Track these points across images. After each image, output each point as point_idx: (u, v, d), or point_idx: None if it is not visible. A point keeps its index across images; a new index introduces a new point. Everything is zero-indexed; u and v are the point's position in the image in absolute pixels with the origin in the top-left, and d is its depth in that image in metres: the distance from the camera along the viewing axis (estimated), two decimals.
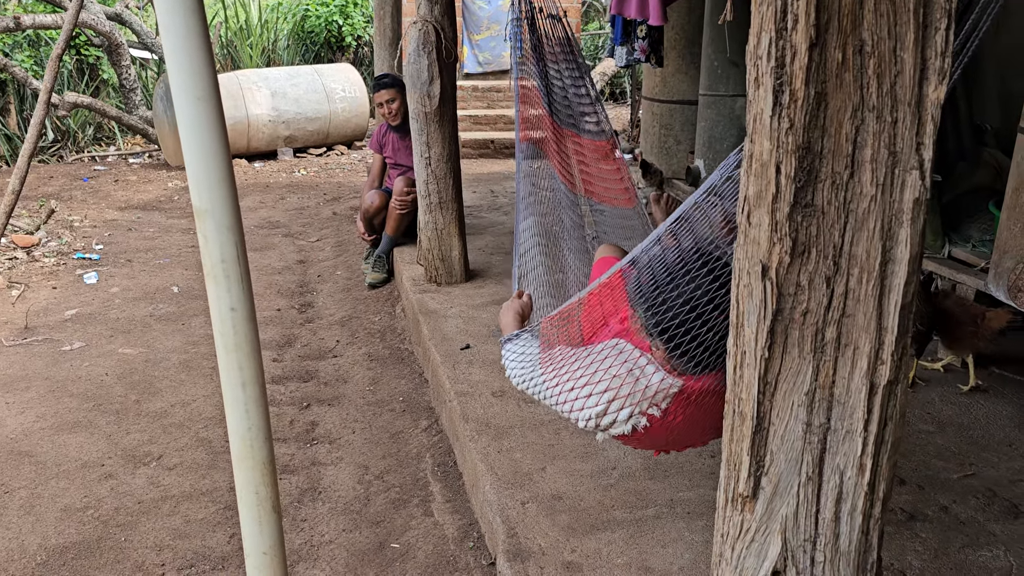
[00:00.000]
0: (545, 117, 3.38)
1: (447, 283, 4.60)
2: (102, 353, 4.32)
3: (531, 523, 2.51)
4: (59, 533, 2.85)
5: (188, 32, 1.36)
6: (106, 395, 3.84)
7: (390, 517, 2.93)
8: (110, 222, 7.05)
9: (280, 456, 3.31)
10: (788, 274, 1.17)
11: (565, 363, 1.97)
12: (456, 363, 3.59)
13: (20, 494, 3.07)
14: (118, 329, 4.65)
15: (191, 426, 3.57)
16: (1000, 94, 4.39)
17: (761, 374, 1.21)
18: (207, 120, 1.40)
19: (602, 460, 2.82)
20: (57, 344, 4.43)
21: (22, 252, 5.95)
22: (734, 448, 1.27)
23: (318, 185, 8.60)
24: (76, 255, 6.02)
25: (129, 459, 3.31)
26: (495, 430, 3.04)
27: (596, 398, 1.85)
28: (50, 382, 3.97)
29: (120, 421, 3.61)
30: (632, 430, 1.85)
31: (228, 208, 1.46)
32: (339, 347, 4.44)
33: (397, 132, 5.30)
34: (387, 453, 3.36)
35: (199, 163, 1.42)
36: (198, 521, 2.93)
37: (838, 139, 1.12)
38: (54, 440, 3.44)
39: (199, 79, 1.39)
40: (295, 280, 5.58)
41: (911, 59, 1.09)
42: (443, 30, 4.21)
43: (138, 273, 5.66)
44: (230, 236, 1.47)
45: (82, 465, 3.26)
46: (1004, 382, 3.32)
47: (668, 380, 1.83)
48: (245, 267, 1.52)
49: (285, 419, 3.63)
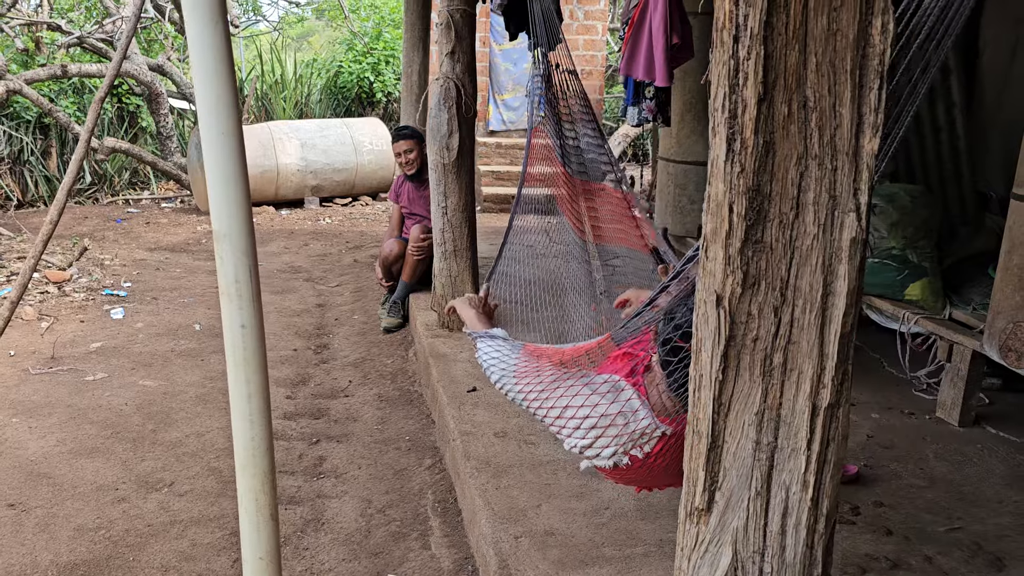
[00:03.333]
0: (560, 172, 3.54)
1: (459, 329, 4.73)
2: (123, 384, 4.48)
3: (523, 556, 2.59)
4: (71, 551, 2.96)
5: (217, 74, 1.53)
6: (124, 424, 3.99)
7: (389, 549, 3.02)
8: (139, 261, 7.29)
9: (287, 488, 3.42)
10: (740, 303, 1.29)
11: (560, 383, 2.07)
12: (462, 404, 3.70)
13: (36, 513, 3.20)
14: (140, 362, 4.82)
15: (204, 456, 3.70)
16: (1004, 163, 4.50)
17: (716, 395, 1.32)
18: (229, 153, 1.56)
19: (596, 500, 2.90)
20: (81, 374, 4.60)
21: (54, 287, 6.19)
22: (692, 465, 1.38)
23: (341, 233, 8.83)
24: (105, 291, 6.24)
25: (142, 484, 3.44)
26: (495, 468, 3.14)
27: (584, 431, 1.95)
28: (72, 409, 4.12)
29: (136, 448, 3.74)
30: (614, 466, 1.95)
31: (244, 233, 1.61)
32: (351, 387, 4.57)
33: (413, 182, 5.52)
34: (390, 489, 3.45)
35: (220, 191, 1.58)
36: (204, 545, 3.03)
37: (784, 183, 1.25)
38: (72, 464, 3.58)
39: (224, 116, 1.55)
40: (313, 322, 5.74)
41: (848, 114, 1.23)
42: (463, 87, 4.43)
43: (163, 310, 5.86)
44: (244, 259, 1.62)
45: (97, 488, 3.39)
46: (998, 441, 3.38)
47: (654, 424, 1.93)
48: (257, 288, 1.67)
49: (295, 453, 3.75)
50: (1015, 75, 4.30)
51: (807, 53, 1.22)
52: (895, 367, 4.06)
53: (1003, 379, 3.83)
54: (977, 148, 4.55)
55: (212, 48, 1.52)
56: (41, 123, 9.85)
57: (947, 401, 3.55)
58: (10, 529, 3.09)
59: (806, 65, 1.22)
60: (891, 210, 3.96)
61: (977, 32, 4.48)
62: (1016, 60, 4.29)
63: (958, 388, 3.49)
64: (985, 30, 4.45)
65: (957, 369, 3.49)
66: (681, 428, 1.94)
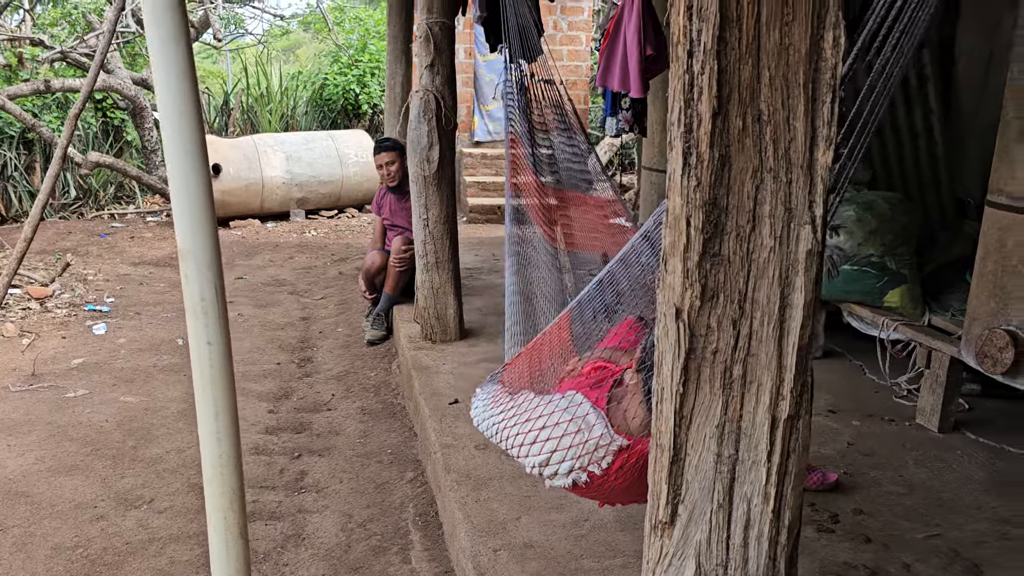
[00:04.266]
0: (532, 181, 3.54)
1: (442, 341, 4.73)
2: (104, 400, 4.45)
3: (501, 570, 2.58)
4: (47, 571, 2.94)
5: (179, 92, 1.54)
6: (104, 440, 3.96)
7: (369, 564, 3.01)
8: (123, 276, 7.26)
9: (268, 503, 3.41)
10: (699, 316, 1.29)
11: (523, 406, 2.07)
12: (443, 416, 3.69)
13: (13, 532, 3.17)
14: (121, 378, 4.79)
15: (184, 472, 3.68)
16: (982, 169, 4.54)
17: (677, 408, 1.33)
18: (193, 171, 1.56)
19: (575, 511, 2.90)
20: (62, 391, 4.57)
21: (36, 303, 6.15)
22: (655, 477, 1.38)
23: (327, 246, 8.82)
24: (87, 307, 6.20)
25: (121, 501, 3.41)
26: (475, 481, 3.13)
27: (539, 446, 1.94)
28: (52, 427, 4.10)
29: (116, 465, 3.72)
30: (573, 483, 1.93)
31: (209, 250, 1.61)
32: (334, 400, 4.55)
33: (395, 194, 5.53)
34: (371, 503, 3.44)
35: (184, 208, 1.58)
36: (183, 563, 3.01)
37: (740, 196, 1.26)
38: (51, 482, 3.55)
39: (187, 134, 1.55)
40: (297, 336, 5.73)
41: (802, 127, 1.24)
42: (443, 99, 4.44)
43: (145, 326, 5.83)
44: (209, 276, 1.62)
45: (75, 506, 3.36)
46: (977, 447, 3.39)
47: (609, 436, 1.91)
48: (223, 306, 1.67)
49: (276, 468, 3.73)
50: (991, 82, 4.33)
51: (760, 67, 1.23)
52: (875, 374, 4.07)
53: (982, 385, 3.84)
54: (955, 155, 4.59)
55: (174, 66, 1.53)
56: (24, 138, 9.82)
57: (927, 407, 3.57)
58: None
59: (760, 79, 1.23)
60: (870, 217, 3.99)
61: (953, 40, 4.52)
62: (992, 68, 4.33)
63: (937, 394, 3.50)
64: (961, 38, 4.49)
65: (936, 375, 3.50)
66: (641, 447, 1.92)
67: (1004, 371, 3.02)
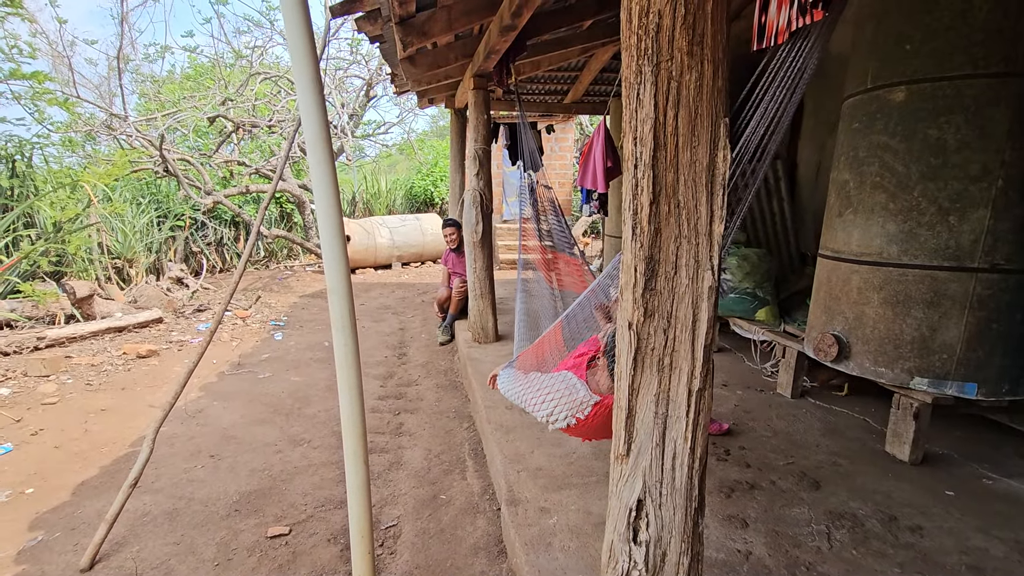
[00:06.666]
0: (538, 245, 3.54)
1: (484, 342, 4.71)
2: (280, 380, 4.46)
3: (522, 484, 2.55)
4: (247, 484, 2.94)
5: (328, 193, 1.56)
6: (281, 404, 3.97)
7: (440, 480, 2.97)
8: (292, 304, 7.31)
9: (378, 443, 3.39)
10: (643, 327, 1.28)
11: (533, 381, 2.05)
12: (486, 389, 3.66)
13: (227, 460, 3.18)
14: (291, 365, 4.81)
15: (329, 424, 3.67)
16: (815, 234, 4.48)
17: (630, 384, 1.31)
18: (336, 239, 1.58)
19: (567, 447, 2.86)
20: (255, 374, 4.59)
21: (240, 320, 6.21)
22: (616, 427, 1.36)
23: (415, 284, 8.84)
24: (271, 323, 6.25)
25: (291, 441, 3.41)
26: (505, 428, 3.10)
27: (548, 405, 1.93)
28: (249, 395, 4.11)
29: (288, 419, 3.72)
30: (567, 425, 1.91)
31: (345, 287, 1.62)
32: (419, 379, 4.53)
33: (455, 252, 5.54)
34: (442, 442, 3.41)
35: (330, 262, 1.60)
36: (329, 479, 3.00)
37: (667, 253, 1.26)
38: (249, 429, 3.56)
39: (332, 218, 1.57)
40: (396, 340, 5.73)
41: (705, 210, 1.23)
42: (484, 194, 4.46)
43: (306, 334, 5.86)
44: (345, 303, 1.63)
45: (264, 444, 3.36)
46: (816, 408, 3.31)
47: (588, 395, 1.90)
48: (353, 321, 1.68)
49: (384, 420, 3.71)
50: (820, 180, 4.30)
51: (679, 174, 1.23)
52: (752, 362, 4.00)
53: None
54: (798, 225, 4.53)
55: (324, 176, 1.56)
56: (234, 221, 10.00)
57: (783, 382, 3.49)
58: (211, 471, 3.07)
59: (678, 181, 1.23)
60: (746, 264, 3.95)
61: (796, 153, 4.49)
62: (820, 171, 4.30)
63: (789, 374, 3.42)
64: (800, 152, 4.47)
65: (789, 363, 3.43)
66: (608, 401, 1.90)
67: (832, 360, 2.96)
